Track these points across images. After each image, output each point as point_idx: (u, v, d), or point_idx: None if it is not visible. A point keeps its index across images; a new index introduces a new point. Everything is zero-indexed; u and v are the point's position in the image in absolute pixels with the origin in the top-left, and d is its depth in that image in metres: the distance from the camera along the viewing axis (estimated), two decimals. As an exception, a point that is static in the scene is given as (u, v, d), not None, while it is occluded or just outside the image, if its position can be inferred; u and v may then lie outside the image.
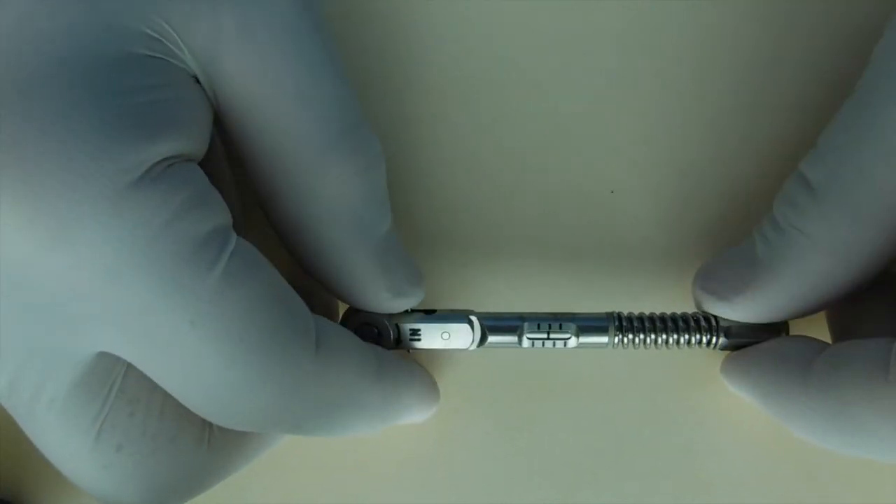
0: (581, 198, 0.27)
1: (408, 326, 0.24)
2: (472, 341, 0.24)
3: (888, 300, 0.23)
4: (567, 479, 0.26)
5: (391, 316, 0.24)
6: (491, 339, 0.24)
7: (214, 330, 0.19)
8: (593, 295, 0.26)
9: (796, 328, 0.24)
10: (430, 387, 0.25)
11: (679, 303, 0.25)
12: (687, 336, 0.24)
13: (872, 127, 0.21)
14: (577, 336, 0.24)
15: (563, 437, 0.26)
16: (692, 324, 0.24)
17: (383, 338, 0.24)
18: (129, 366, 0.20)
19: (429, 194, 0.26)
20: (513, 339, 0.24)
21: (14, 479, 0.25)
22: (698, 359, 0.26)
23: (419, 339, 0.24)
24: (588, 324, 0.24)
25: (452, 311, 0.24)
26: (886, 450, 0.20)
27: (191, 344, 0.19)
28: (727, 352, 0.25)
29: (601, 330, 0.24)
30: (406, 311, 0.24)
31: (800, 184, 0.22)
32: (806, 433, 0.22)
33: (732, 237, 0.26)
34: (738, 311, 0.23)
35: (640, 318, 0.24)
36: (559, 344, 0.24)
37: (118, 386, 0.20)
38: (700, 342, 0.24)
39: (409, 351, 0.24)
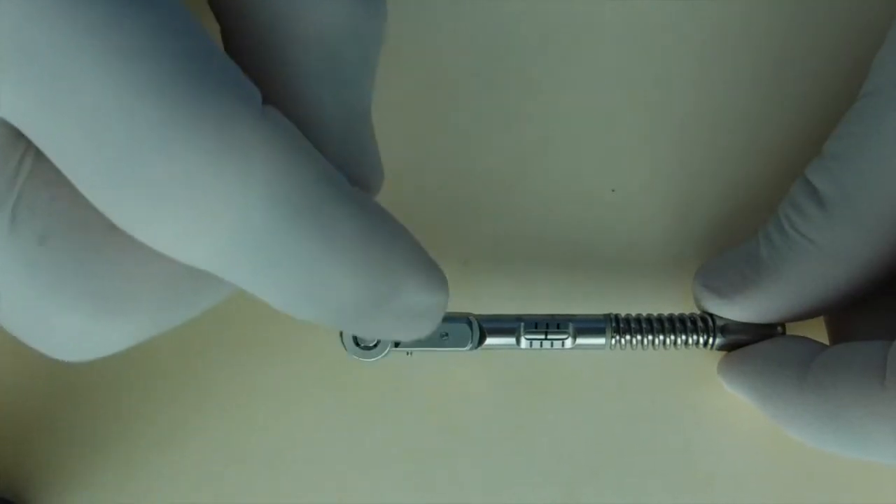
0: (581, 197, 0.27)
1: None
2: (471, 342, 0.24)
3: (886, 303, 0.23)
4: (567, 477, 0.26)
5: None
6: (489, 340, 0.24)
7: (116, 39, 0.14)
8: (593, 294, 0.26)
9: (792, 328, 0.24)
10: (430, 262, 0.19)
11: (679, 303, 0.25)
12: (684, 337, 0.24)
13: (875, 135, 0.21)
14: (575, 337, 0.24)
15: (563, 436, 0.26)
16: (689, 324, 0.24)
17: (383, 342, 0.24)
18: None
19: (428, 194, 0.26)
20: (511, 340, 0.24)
21: (14, 478, 0.25)
22: (697, 358, 0.26)
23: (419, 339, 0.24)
24: (585, 325, 0.24)
25: (451, 313, 0.24)
26: (882, 453, 0.20)
27: (83, 53, 0.14)
28: (725, 352, 0.25)
29: (598, 331, 0.24)
30: None
31: (806, 190, 0.22)
32: (802, 435, 0.22)
33: (733, 238, 0.26)
34: (737, 309, 0.23)
35: (638, 319, 0.24)
36: (557, 345, 0.24)
37: (30, 163, 0.16)
38: (697, 343, 0.24)
39: (408, 353, 0.24)
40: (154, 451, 0.26)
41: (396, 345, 0.24)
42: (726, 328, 0.24)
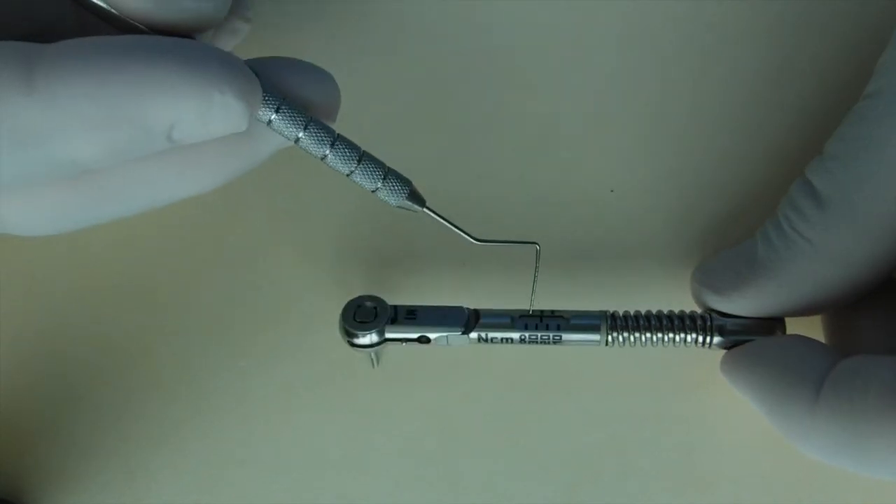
0: (581, 197, 0.27)
1: (405, 308, 0.24)
2: (466, 324, 0.24)
3: (883, 302, 0.23)
4: (567, 477, 0.26)
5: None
6: (487, 333, 0.24)
7: None
8: (592, 294, 0.26)
9: (790, 324, 0.24)
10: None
11: (678, 302, 0.25)
12: (682, 335, 0.24)
13: (876, 137, 0.21)
14: (570, 332, 0.24)
15: (563, 436, 0.26)
16: (687, 322, 0.24)
17: (380, 317, 0.24)
18: None
19: (428, 194, 0.26)
20: (507, 333, 0.24)
21: (14, 478, 0.26)
22: (698, 358, 0.26)
23: (414, 319, 0.24)
24: (582, 321, 0.24)
25: (447, 306, 0.24)
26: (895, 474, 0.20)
27: None
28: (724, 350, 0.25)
29: (594, 327, 0.24)
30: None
31: (805, 190, 0.22)
32: (812, 454, 0.21)
33: (732, 237, 0.26)
34: (733, 307, 0.23)
35: (635, 316, 0.24)
36: (554, 338, 0.24)
37: None
38: (695, 341, 0.24)
39: (403, 343, 0.24)
40: (154, 451, 0.26)
41: (394, 322, 0.24)
42: (724, 329, 0.24)
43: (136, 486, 0.26)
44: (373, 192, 0.22)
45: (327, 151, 0.21)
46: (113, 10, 0.19)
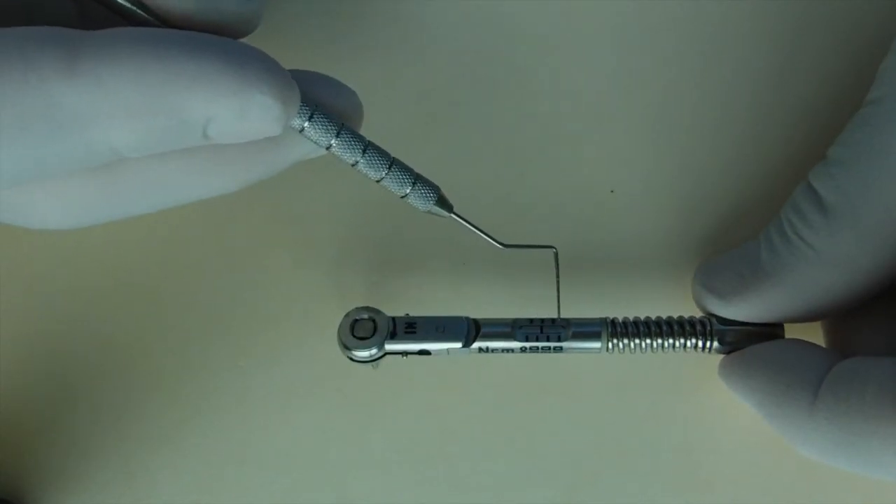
0: (581, 198, 0.27)
1: (404, 320, 0.24)
2: (467, 336, 0.24)
3: (883, 309, 0.23)
4: (567, 478, 0.26)
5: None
6: (487, 343, 0.24)
7: None
8: (592, 295, 0.26)
9: (790, 328, 0.24)
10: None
11: (678, 304, 0.25)
12: (682, 340, 0.24)
13: (879, 144, 0.21)
14: (571, 340, 0.24)
15: (563, 437, 0.26)
16: (687, 328, 0.24)
17: (379, 331, 0.24)
18: None
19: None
20: (508, 343, 0.24)
21: (14, 478, 0.26)
22: (697, 359, 0.26)
23: (414, 332, 0.24)
24: (582, 329, 0.24)
25: (447, 316, 0.24)
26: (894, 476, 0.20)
27: None
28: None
29: (595, 335, 0.24)
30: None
31: (808, 195, 0.22)
32: (811, 454, 0.22)
33: (732, 239, 0.26)
34: (734, 311, 0.23)
35: (635, 322, 0.24)
36: (555, 348, 0.24)
37: None
38: (695, 346, 0.24)
39: (404, 356, 0.24)
40: (154, 451, 0.26)
41: (393, 336, 0.24)
42: (724, 335, 0.24)
43: (136, 486, 0.26)
44: (402, 197, 0.22)
45: (359, 158, 0.21)
46: (134, 9, 0.19)
